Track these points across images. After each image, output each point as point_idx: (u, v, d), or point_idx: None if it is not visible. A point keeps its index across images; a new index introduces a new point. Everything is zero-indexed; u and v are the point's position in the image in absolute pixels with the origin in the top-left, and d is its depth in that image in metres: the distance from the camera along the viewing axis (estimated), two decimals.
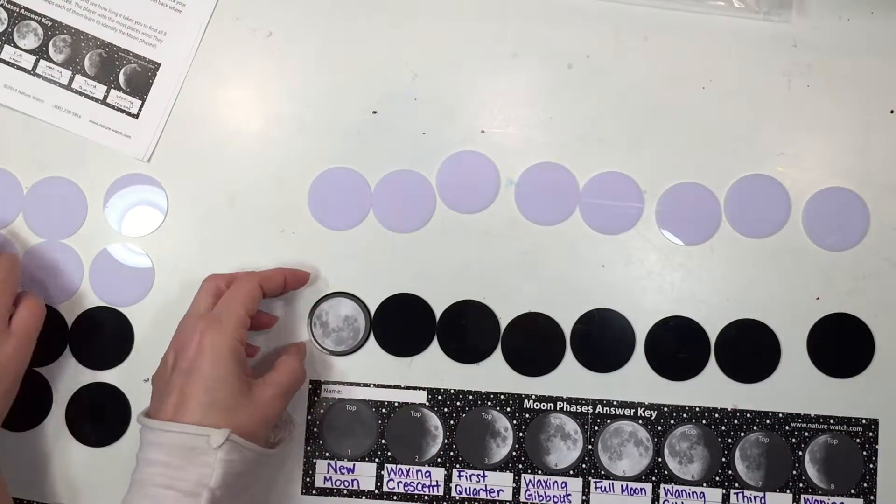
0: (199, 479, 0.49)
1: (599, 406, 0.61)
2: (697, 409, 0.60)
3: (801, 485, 0.60)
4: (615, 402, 0.60)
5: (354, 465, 0.61)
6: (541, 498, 0.60)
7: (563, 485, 0.60)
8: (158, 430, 0.50)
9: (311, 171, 0.62)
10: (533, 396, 0.61)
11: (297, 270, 0.60)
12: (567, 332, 0.61)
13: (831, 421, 0.60)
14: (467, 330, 0.61)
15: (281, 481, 0.61)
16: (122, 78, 0.63)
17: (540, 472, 0.60)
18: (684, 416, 0.60)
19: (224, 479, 0.49)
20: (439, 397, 0.61)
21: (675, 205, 0.61)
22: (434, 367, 0.61)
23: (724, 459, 0.60)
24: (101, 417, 0.62)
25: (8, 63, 0.63)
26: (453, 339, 0.61)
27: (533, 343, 0.61)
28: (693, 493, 0.60)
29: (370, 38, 0.62)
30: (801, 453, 0.60)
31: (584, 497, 0.60)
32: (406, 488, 0.61)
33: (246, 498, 0.53)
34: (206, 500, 0.48)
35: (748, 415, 0.60)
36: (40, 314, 0.58)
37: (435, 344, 0.61)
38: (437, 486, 0.61)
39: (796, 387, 0.60)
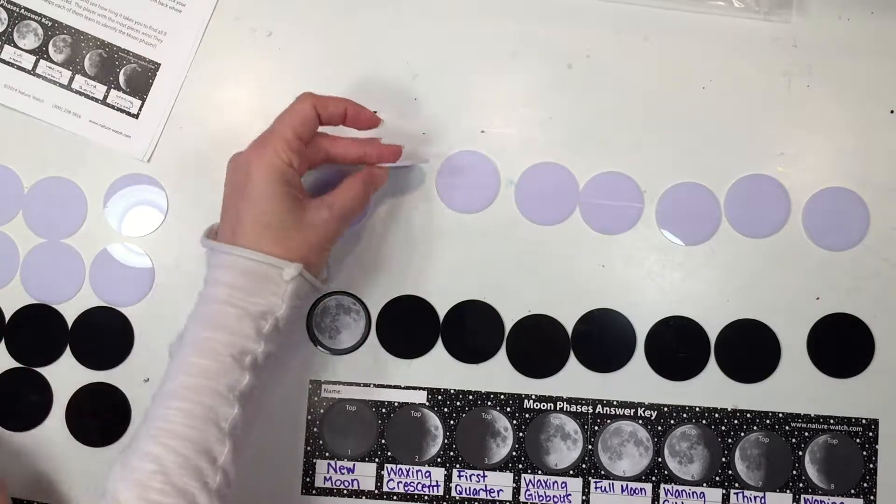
0: (268, 306, 0.51)
1: (599, 406, 0.61)
2: (697, 409, 0.60)
3: (801, 485, 0.60)
4: (615, 402, 0.60)
5: (354, 465, 0.61)
6: (541, 498, 0.60)
7: (563, 485, 0.60)
8: (226, 253, 0.51)
9: (311, 171, 0.62)
10: (533, 396, 0.61)
11: (363, 108, 0.56)
12: (570, 333, 0.61)
13: (831, 421, 0.60)
14: (473, 330, 0.61)
15: (281, 481, 0.61)
16: (122, 78, 0.63)
17: (540, 472, 0.60)
18: (684, 416, 0.60)
19: (289, 311, 0.52)
20: (439, 397, 0.61)
21: (675, 205, 0.61)
22: (434, 368, 0.61)
23: (724, 459, 0.60)
24: (100, 417, 0.62)
25: (8, 63, 0.63)
26: (458, 340, 0.61)
27: (537, 345, 0.61)
28: (693, 493, 0.60)
29: (370, 39, 0.62)
30: (801, 453, 0.60)
31: (584, 497, 0.60)
32: (406, 488, 0.61)
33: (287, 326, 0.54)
34: (271, 325, 0.51)
35: (748, 415, 0.60)
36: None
37: (439, 344, 0.61)
38: (437, 486, 0.61)
39: (796, 387, 0.60)
